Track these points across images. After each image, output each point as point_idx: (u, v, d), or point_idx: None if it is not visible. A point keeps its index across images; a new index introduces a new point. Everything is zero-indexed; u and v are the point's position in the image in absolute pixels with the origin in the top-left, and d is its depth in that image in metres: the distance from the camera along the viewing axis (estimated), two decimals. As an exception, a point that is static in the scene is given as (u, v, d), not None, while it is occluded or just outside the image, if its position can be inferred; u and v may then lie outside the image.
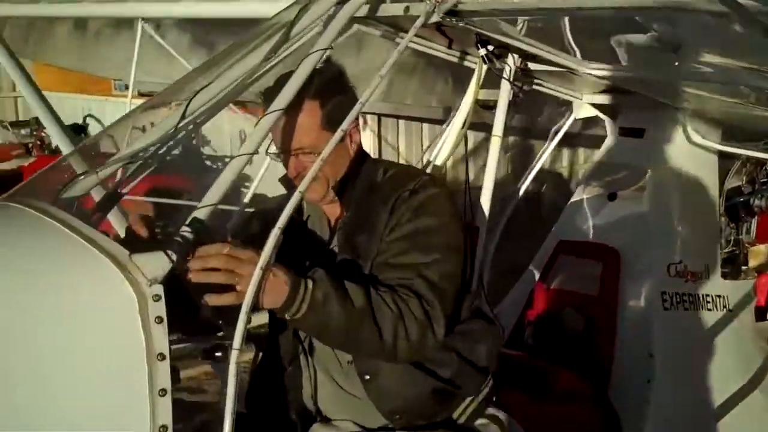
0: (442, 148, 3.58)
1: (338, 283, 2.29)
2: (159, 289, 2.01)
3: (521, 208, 4.41)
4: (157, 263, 2.03)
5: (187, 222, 2.10)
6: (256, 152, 2.29)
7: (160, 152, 2.58)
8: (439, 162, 3.47)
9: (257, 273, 2.10)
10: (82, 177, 2.48)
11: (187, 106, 2.54)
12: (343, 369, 2.58)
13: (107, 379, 1.94)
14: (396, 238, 2.47)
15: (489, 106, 3.26)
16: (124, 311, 1.95)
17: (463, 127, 3.27)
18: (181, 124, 2.53)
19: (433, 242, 2.47)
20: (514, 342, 4.10)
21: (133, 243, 2.10)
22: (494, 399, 2.77)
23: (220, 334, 2.34)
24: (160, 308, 1.99)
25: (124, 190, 2.49)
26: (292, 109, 2.39)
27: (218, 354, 2.21)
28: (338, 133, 2.32)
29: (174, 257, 2.04)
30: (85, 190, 2.50)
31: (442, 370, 2.55)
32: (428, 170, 3.53)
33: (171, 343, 2.01)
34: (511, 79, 3.16)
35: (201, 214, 2.14)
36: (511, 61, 3.17)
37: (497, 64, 3.10)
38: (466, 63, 3.34)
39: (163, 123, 2.57)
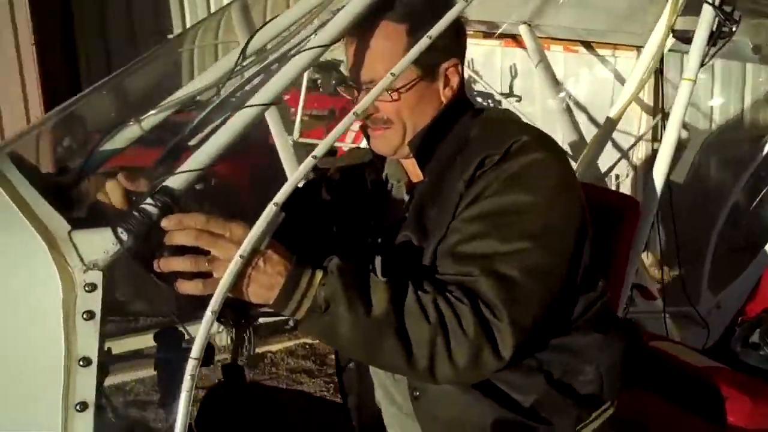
0: (624, 88, 2.73)
1: (356, 279, 1.67)
2: (96, 277, 1.59)
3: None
4: (100, 243, 1.60)
5: (154, 191, 1.65)
6: (270, 104, 1.77)
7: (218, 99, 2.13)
8: (616, 108, 2.61)
9: (235, 260, 1.60)
10: (127, 125, 2.09)
11: (248, 43, 2.07)
12: (395, 377, 2.01)
13: (13, 386, 1.56)
14: (470, 217, 1.76)
15: (689, 39, 2.40)
16: (44, 301, 1.56)
17: (651, 65, 2.46)
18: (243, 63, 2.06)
19: (521, 226, 1.73)
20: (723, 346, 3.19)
21: (91, 213, 1.69)
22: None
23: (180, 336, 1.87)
24: (92, 301, 1.58)
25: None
26: (368, 30, 1.85)
27: (171, 363, 1.75)
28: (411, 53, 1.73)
29: (125, 237, 1.61)
30: (127, 142, 2.11)
31: (520, 396, 1.86)
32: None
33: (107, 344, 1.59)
34: (716, 2, 2.28)
35: (175, 182, 1.67)
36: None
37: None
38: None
39: (216, 65, 2.12)
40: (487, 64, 7.33)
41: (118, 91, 2.32)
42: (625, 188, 5.82)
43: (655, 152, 6.04)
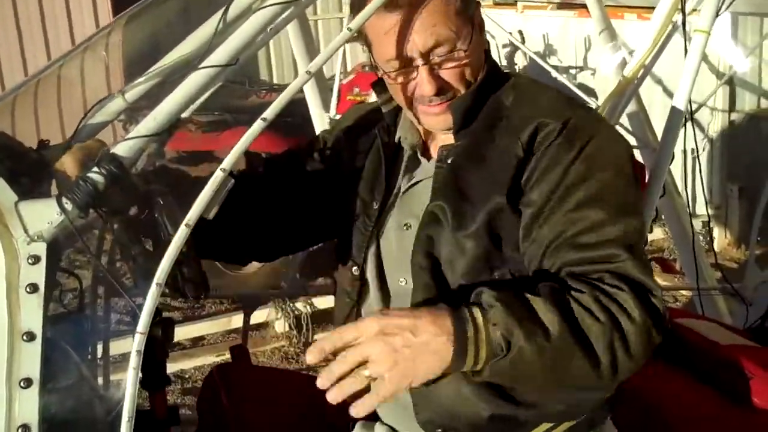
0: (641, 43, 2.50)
1: (518, 304, 1.48)
2: (40, 249, 1.54)
3: None
4: (44, 214, 1.55)
5: (97, 159, 1.59)
6: (231, 64, 1.69)
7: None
8: (631, 66, 2.39)
9: (181, 229, 1.52)
10: (108, 99, 2.05)
11: (227, 7, 1.98)
12: None
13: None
14: (575, 205, 1.63)
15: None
16: (-14, 274, 1.52)
17: (670, 20, 2.26)
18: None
19: (624, 202, 1.66)
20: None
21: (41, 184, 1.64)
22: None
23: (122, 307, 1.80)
24: (36, 274, 1.53)
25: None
26: None
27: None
28: None
29: (69, 208, 1.55)
30: (112, 115, 2.06)
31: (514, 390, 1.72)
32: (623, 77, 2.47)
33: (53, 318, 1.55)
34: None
35: (122, 150, 1.61)
36: None
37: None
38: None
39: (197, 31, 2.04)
40: (561, 36, 7.09)
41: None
42: (703, 164, 5.54)
43: (732, 123, 5.73)
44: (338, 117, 3.65)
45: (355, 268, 1.89)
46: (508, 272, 1.70)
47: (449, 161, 1.78)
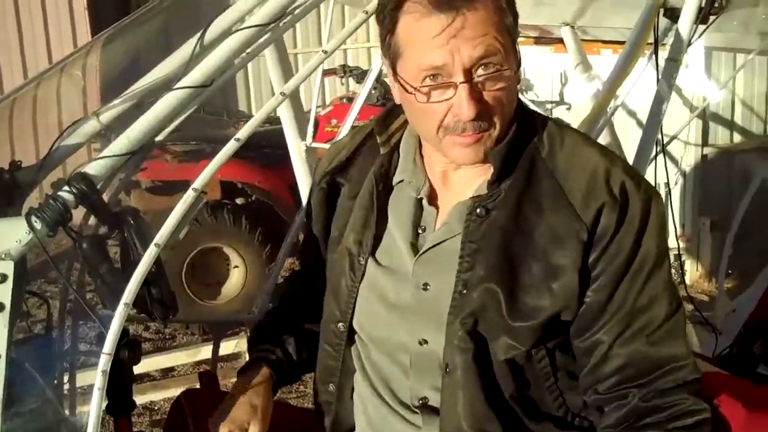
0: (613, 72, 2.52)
1: None
2: (7, 267, 1.52)
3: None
4: (12, 232, 1.54)
5: (67, 178, 1.58)
6: (206, 85, 1.69)
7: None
8: (603, 93, 2.40)
9: (151, 248, 1.51)
10: (82, 121, 2.04)
11: (205, 30, 1.98)
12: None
13: None
14: (649, 300, 1.56)
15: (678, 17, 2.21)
16: (-49, 293, 1.50)
17: (644, 47, 2.28)
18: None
19: (671, 278, 1.62)
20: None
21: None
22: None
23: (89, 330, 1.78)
24: (2, 293, 1.51)
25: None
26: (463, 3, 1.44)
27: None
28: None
29: (38, 225, 1.54)
30: (86, 137, 2.05)
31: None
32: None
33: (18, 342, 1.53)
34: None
35: (93, 169, 1.60)
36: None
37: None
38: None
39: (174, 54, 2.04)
40: (538, 71, 7.15)
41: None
42: (675, 197, 5.58)
43: (704, 157, 5.78)
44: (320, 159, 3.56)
45: (341, 324, 1.72)
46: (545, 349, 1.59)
47: (488, 215, 1.58)
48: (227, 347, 4.89)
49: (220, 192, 5.79)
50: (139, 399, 4.42)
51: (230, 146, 1.60)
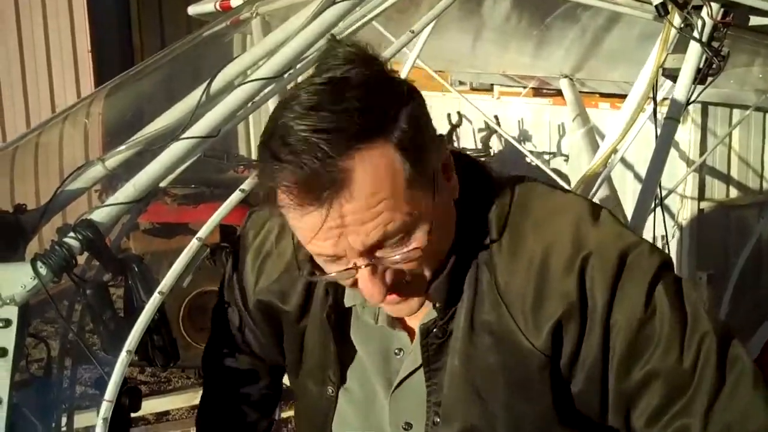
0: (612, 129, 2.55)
1: None
2: (11, 313, 1.53)
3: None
4: (18, 278, 1.55)
5: (73, 225, 1.60)
6: (213, 135, 1.71)
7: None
8: (603, 151, 2.42)
9: (155, 296, 1.53)
10: (87, 166, 2.06)
11: (211, 80, 2.02)
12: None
13: None
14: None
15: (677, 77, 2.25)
16: (-46, 337, 1.51)
17: (643, 106, 2.31)
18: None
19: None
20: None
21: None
22: None
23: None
24: (6, 337, 1.53)
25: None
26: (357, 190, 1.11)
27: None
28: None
29: (43, 271, 1.55)
30: (91, 182, 2.07)
31: None
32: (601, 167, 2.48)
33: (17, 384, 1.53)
34: (704, 39, 2.13)
35: (99, 217, 1.62)
36: (706, 13, 2.14)
37: (682, 17, 2.11)
38: (645, 16, 2.38)
39: (180, 103, 2.08)
40: (536, 122, 7.23)
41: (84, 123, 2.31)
42: (672, 251, 5.60)
43: (701, 211, 5.81)
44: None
45: (330, 389, 1.45)
46: None
47: (447, 338, 1.30)
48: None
49: (219, 235, 5.80)
50: (133, 443, 4.41)
51: (235, 197, 1.62)
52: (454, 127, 7.25)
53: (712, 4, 2.16)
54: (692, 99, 2.11)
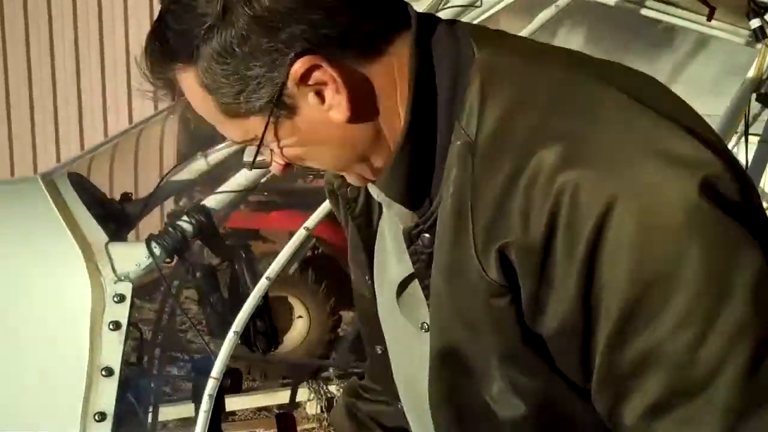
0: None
1: None
2: (125, 288, 1.60)
3: None
4: (133, 256, 1.63)
5: (187, 209, 1.67)
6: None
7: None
8: None
9: (262, 281, 1.58)
10: (191, 160, 2.15)
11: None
12: None
13: (36, 388, 1.58)
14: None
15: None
16: (73, 308, 1.59)
17: (735, 130, 2.32)
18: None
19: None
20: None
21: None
22: None
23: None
24: (120, 312, 1.59)
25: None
26: None
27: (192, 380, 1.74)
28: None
29: (157, 251, 1.62)
30: (194, 174, 2.16)
31: None
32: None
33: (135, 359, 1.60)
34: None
35: (211, 203, 1.69)
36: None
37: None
38: (736, 40, 2.39)
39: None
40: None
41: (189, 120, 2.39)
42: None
43: None
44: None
45: (378, 347, 1.27)
46: None
47: (431, 247, 1.04)
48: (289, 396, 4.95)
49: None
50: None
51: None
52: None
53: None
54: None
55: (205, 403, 1.55)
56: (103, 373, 1.56)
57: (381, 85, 0.97)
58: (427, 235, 1.03)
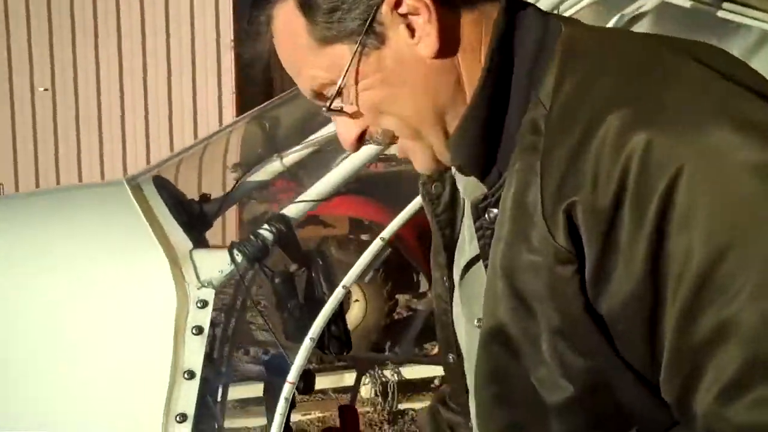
0: None
1: None
2: (208, 295, 1.67)
3: None
4: (216, 263, 1.69)
5: (268, 218, 1.73)
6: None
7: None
8: None
9: (338, 290, 1.64)
10: (267, 161, 2.20)
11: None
12: None
13: (120, 390, 1.65)
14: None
15: None
16: (158, 313, 1.65)
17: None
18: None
19: None
20: None
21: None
22: None
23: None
24: (202, 317, 1.66)
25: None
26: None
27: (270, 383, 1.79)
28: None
29: (239, 259, 1.68)
30: (270, 175, 2.21)
31: None
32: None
33: (211, 361, 1.66)
34: None
35: (291, 212, 1.74)
36: None
37: None
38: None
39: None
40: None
41: (264, 125, 2.45)
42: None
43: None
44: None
45: (451, 355, 1.24)
46: None
47: (488, 232, 1.02)
48: (346, 379, 5.02)
49: (348, 227, 5.95)
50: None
51: (415, 203, 1.70)
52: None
53: None
54: None
55: (281, 407, 1.61)
56: (186, 376, 1.63)
57: (469, 35, 0.97)
58: (495, 210, 0.99)
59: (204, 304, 1.66)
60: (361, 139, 1.02)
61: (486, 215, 1.01)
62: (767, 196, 0.81)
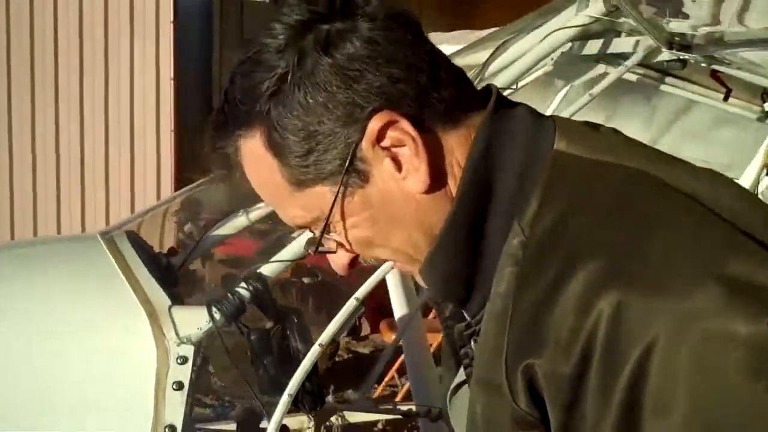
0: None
1: None
2: (188, 351, 1.72)
3: None
4: (195, 320, 1.74)
5: (244, 276, 1.79)
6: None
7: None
8: None
9: (314, 348, 1.70)
10: (233, 216, 2.27)
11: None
12: None
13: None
14: None
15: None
16: (139, 369, 1.69)
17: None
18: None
19: None
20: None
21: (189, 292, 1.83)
22: None
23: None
24: (183, 373, 1.70)
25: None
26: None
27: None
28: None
29: (217, 316, 1.74)
30: (234, 230, 2.28)
31: None
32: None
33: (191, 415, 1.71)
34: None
35: (267, 270, 1.81)
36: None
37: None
38: (749, 115, 2.55)
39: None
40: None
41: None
42: None
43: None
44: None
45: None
46: None
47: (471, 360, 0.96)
48: (291, 423, 5.03)
49: (290, 271, 6.00)
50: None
51: (387, 266, 1.78)
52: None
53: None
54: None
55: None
56: (167, 430, 1.67)
57: (459, 156, 0.88)
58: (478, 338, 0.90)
59: (184, 360, 1.71)
60: (353, 264, 0.95)
61: (471, 342, 0.95)
62: (758, 375, 0.70)
